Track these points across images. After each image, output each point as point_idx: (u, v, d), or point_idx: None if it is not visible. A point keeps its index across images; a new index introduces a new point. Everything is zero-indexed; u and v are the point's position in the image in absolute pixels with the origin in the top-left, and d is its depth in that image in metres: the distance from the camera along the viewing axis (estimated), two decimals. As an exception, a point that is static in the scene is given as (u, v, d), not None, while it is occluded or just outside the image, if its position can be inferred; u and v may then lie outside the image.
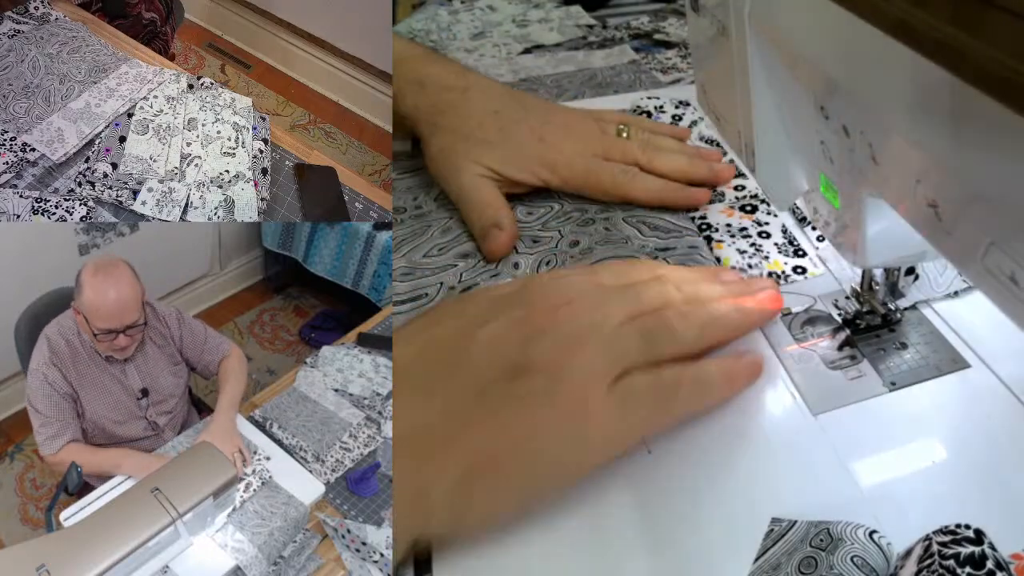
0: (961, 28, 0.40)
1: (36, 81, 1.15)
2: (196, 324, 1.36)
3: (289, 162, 1.27)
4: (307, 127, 2.35)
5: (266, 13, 2.37)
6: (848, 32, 0.57)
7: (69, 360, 1.18)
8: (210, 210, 1.11)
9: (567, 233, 1.06)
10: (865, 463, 0.79)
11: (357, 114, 2.40)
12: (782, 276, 0.98)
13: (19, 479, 1.87)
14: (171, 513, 0.90)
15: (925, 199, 0.55)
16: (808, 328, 0.94)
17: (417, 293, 0.95)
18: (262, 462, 1.16)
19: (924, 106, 0.50)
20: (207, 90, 1.26)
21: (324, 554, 1.09)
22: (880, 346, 0.90)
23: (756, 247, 1.02)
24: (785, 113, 0.84)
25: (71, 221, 1.04)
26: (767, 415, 0.87)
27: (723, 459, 0.82)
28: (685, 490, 0.80)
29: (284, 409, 1.31)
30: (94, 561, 0.82)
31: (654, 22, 1.57)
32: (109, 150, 1.11)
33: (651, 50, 1.47)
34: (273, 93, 2.39)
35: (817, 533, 0.68)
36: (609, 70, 1.40)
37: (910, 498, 0.76)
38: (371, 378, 1.39)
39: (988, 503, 0.74)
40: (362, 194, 1.30)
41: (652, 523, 0.76)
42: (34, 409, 1.17)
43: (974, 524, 0.66)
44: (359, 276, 2.18)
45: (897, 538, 0.72)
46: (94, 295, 1.13)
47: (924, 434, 0.82)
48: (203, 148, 1.17)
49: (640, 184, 1.05)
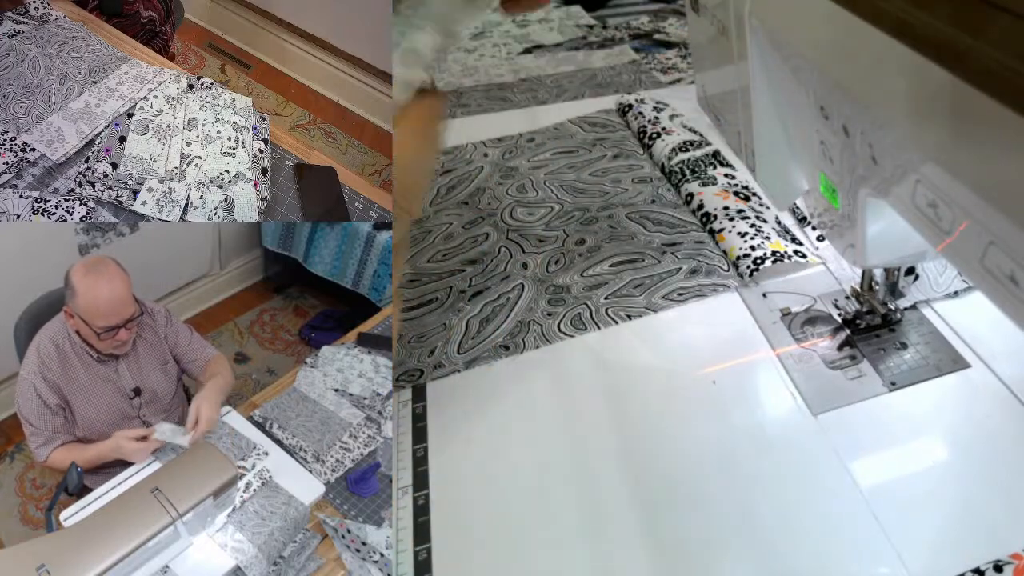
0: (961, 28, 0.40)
1: (36, 81, 1.15)
2: (183, 326, 1.37)
3: (289, 162, 1.27)
4: (307, 127, 2.35)
5: (266, 13, 2.37)
6: (848, 32, 0.57)
7: (59, 367, 1.19)
8: (210, 210, 1.11)
9: (572, 232, 1.06)
10: (865, 463, 0.79)
11: (357, 114, 2.40)
12: (784, 256, 0.98)
13: (19, 479, 1.87)
14: (171, 513, 0.90)
15: (925, 199, 0.55)
16: (808, 328, 0.94)
17: (428, 298, 0.95)
18: (262, 459, 1.16)
19: (924, 106, 0.50)
20: (207, 90, 1.26)
21: (324, 554, 1.09)
22: (880, 346, 0.90)
23: (756, 228, 1.02)
24: (785, 113, 0.84)
25: (71, 221, 1.04)
26: (767, 415, 0.87)
27: (723, 459, 0.83)
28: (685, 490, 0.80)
29: (284, 409, 1.32)
30: (94, 561, 0.82)
31: (654, 22, 1.57)
32: (109, 150, 1.11)
33: (651, 50, 1.47)
34: (273, 93, 2.39)
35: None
36: (609, 70, 1.40)
37: (910, 498, 0.76)
38: (371, 378, 1.39)
39: (988, 503, 0.74)
40: (362, 194, 1.30)
41: (652, 521, 0.77)
42: (24, 418, 1.19)
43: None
44: (359, 276, 2.18)
45: (898, 538, 0.72)
46: (90, 295, 1.14)
47: (924, 434, 0.82)
48: (203, 148, 1.17)
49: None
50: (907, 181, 0.57)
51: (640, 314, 1.05)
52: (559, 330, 1.05)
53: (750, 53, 0.80)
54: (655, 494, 0.79)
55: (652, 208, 1.08)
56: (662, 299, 1.07)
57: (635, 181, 1.35)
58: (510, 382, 0.99)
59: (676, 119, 1.34)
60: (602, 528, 0.77)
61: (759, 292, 1.03)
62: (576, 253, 1.02)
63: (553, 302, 1.09)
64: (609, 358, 1.00)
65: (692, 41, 1.03)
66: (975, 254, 0.51)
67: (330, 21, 2.29)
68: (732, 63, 0.86)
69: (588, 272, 1.12)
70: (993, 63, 0.38)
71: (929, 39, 0.43)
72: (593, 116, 1.59)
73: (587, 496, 0.80)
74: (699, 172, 1.24)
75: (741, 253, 1.04)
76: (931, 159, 0.53)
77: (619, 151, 1.46)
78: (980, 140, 0.46)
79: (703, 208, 1.12)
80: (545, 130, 1.56)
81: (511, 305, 1.09)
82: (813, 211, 0.90)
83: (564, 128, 1.56)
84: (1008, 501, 0.74)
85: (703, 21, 0.92)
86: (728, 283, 1.07)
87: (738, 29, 0.81)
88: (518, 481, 0.86)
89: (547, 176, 1.40)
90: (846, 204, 0.75)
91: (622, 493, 0.79)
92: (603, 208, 1.08)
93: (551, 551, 0.76)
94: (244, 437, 1.21)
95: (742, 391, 0.91)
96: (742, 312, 1.02)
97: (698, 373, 0.95)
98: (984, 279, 0.51)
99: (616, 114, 1.58)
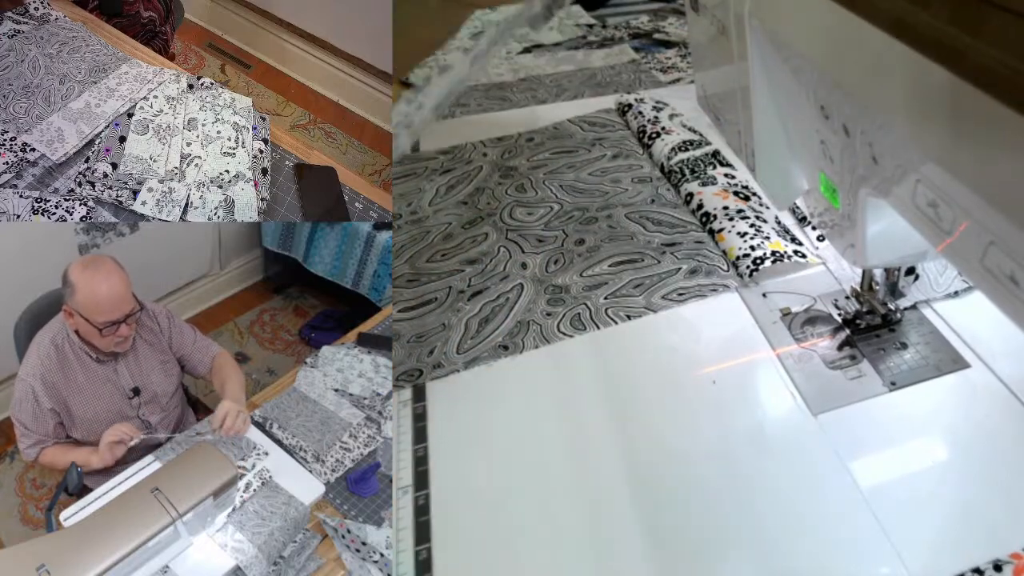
0: (961, 28, 0.40)
1: (36, 81, 1.15)
2: (186, 326, 1.37)
3: (289, 162, 1.27)
4: (307, 127, 2.35)
5: (266, 13, 2.37)
6: (848, 32, 0.57)
7: (58, 368, 1.19)
8: (210, 210, 1.11)
9: (571, 232, 1.06)
10: (865, 463, 0.79)
11: (357, 114, 2.40)
12: (784, 256, 0.98)
13: (19, 479, 1.87)
14: (171, 513, 0.90)
15: (925, 199, 0.55)
16: (808, 328, 0.94)
17: (427, 298, 0.95)
18: (262, 459, 1.16)
19: (924, 106, 0.50)
20: (207, 90, 1.26)
21: (324, 554, 1.09)
22: (880, 346, 0.90)
23: (756, 228, 1.02)
24: (785, 113, 0.84)
25: (71, 221, 1.04)
26: (767, 415, 0.87)
27: (723, 459, 0.83)
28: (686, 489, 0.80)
29: (284, 409, 1.31)
30: (94, 561, 0.82)
31: (654, 21, 1.57)
32: (109, 150, 1.11)
33: (651, 49, 1.47)
34: (273, 93, 2.39)
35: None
36: (609, 69, 1.40)
37: (910, 498, 0.76)
38: (371, 378, 1.39)
39: (988, 503, 0.74)
40: (362, 194, 1.30)
41: (652, 521, 0.77)
42: (16, 418, 1.20)
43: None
44: (359, 276, 2.18)
45: (898, 538, 0.72)
46: (88, 291, 1.13)
47: (924, 434, 0.82)
48: (203, 148, 1.17)
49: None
50: (907, 181, 0.57)
51: (640, 314, 1.05)
52: (558, 330, 1.05)
53: (750, 53, 0.80)
54: (655, 493, 0.79)
55: (652, 208, 1.08)
56: (662, 299, 1.07)
57: (635, 181, 1.35)
58: (510, 382, 0.99)
59: (676, 119, 1.34)
60: (602, 527, 0.77)
61: (759, 292, 1.03)
62: (575, 253, 1.02)
63: (552, 302, 1.09)
64: (609, 358, 1.00)
65: (692, 41, 1.03)
66: (975, 254, 0.51)
67: (330, 21, 2.29)
68: (732, 63, 0.86)
69: (587, 272, 1.12)
70: (993, 63, 0.38)
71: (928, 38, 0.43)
72: (592, 116, 1.59)
73: (587, 496, 0.80)
74: (699, 172, 1.24)
75: (741, 253, 1.04)
76: (931, 159, 0.53)
77: (619, 151, 1.46)
78: (980, 140, 0.46)
79: (703, 208, 1.12)
80: (544, 130, 1.56)
81: (510, 305, 1.09)
82: (813, 211, 0.90)
83: (563, 128, 1.56)
84: (1008, 501, 0.74)
85: (703, 21, 0.92)
86: (728, 283, 1.07)
87: (738, 29, 0.81)
88: (518, 481, 0.86)
89: (546, 176, 1.40)
90: (846, 204, 0.75)
91: (622, 492, 0.79)
92: (602, 208, 1.09)
93: (551, 550, 0.76)
94: (244, 437, 1.21)
95: (742, 391, 0.91)
96: (742, 312, 1.02)
97: (698, 373, 0.95)
98: (984, 279, 0.51)
99: (616, 114, 1.58)
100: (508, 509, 0.83)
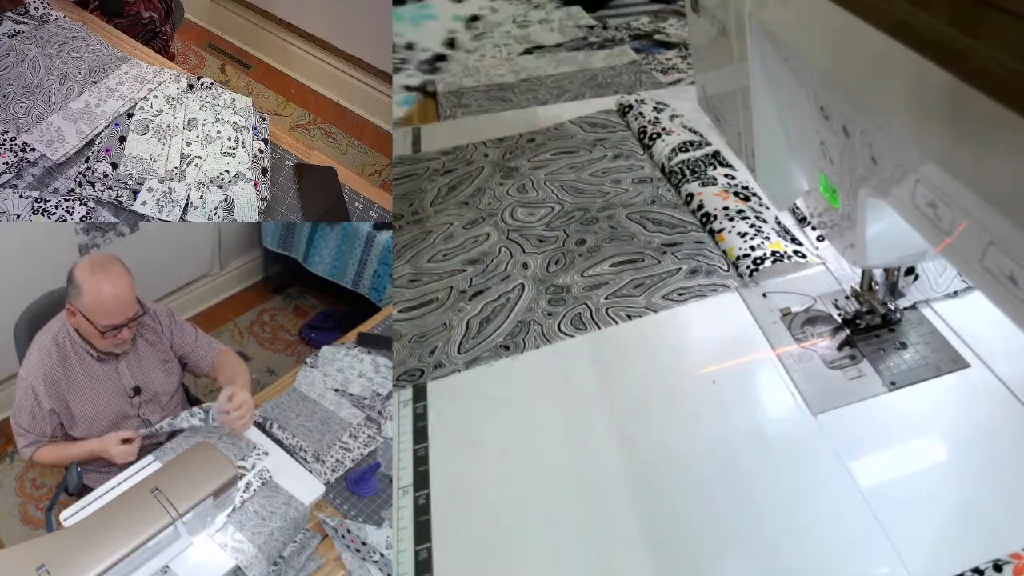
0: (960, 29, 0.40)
1: (36, 81, 1.15)
2: (188, 325, 1.37)
3: (289, 162, 1.27)
4: (307, 127, 2.35)
5: (266, 13, 2.37)
6: (848, 32, 0.57)
7: (59, 366, 1.19)
8: (210, 210, 1.11)
9: (572, 232, 1.06)
10: (865, 463, 0.79)
11: (357, 114, 2.40)
12: (784, 256, 0.98)
13: (19, 479, 1.87)
14: (171, 513, 0.90)
15: (925, 199, 0.55)
16: (808, 328, 0.94)
17: (428, 298, 0.95)
18: (262, 459, 1.16)
19: (923, 107, 0.51)
20: (207, 90, 1.26)
21: (324, 554, 1.09)
22: (880, 346, 0.90)
23: (756, 228, 1.02)
24: (785, 113, 0.84)
25: (71, 221, 1.04)
26: (767, 415, 0.87)
27: (723, 458, 0.83)
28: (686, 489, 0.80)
29: (284, 409, 1.31)
30: (94, 561, 0.82)
31: (654, 22, 1.57)
32: (109, 150, 1.11)
33: (651, 50, 1.47)
34: (273, 93, 2.39)
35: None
36: (609, 70, 1.40)
37: (910, 498, 0.76)
38: (371, 378, 1.39)
39: (988, 503, 0.74)
40: (362, 194, 1.30)
41: (652, 520, 0.77)
42: (14, 418, 1.20)
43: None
44: (359, 276, 2.18)
45: (898, 537, 0.72)
46: (95, 293, 1.14)
47: (924, 434, 0.82)
48: (203, 148, 1.17)
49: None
50: (907, 181, 0.57)
51: (640, 314, 1.05)
52: (559, 330, 1.05)
53: (750, 53, 0.80)
54: (655, 493, 0.80)
55: (652, 208, 1.08)
56: (662, 299, 1.07)
57: (635, 181, 1.35)
58: (511, 382, 0.99)
59: (676, 119, 1.34)
60: (602, 527, 0.77)
61: (759, 292, 1.03)
62: (576, 253, 1.02)
63: (553, 302, 1.09)
64: (609, 358, 1.00)
65: (692, 42, 1.03)
66: (975, 254, 0.51)
67: (330, 21, 2.29)
68: (732, 64, 0.86)
69: (588, 272, 1.12)
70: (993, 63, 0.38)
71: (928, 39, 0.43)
72: (593, 116, 1.59)
73: (587, 495, 0.80)
74: (699, 172, 1.24)
75: (741, 253, 1.04)
76: (931, 159, 0.53)
77: (619, 151, 1.46)
78: (979, 140, 0.46)
79: (703, 208, 1.12)
80: (546, 130, 1.56)
81: (511, 305, 1.09)
82: (813, 211, 0.90)
83: (564, 128, 1.56)
84: (1008, 501, 0.74)
85: (703, 21, 0.92)
86: (728, 283, 1.07)
87: (738, 29, 0.81)
88: (519, 480, 0.86)
89: (547, 176, 1.40)
90: (846, 204, 0.76)
91: (622, 492, 0.80)
92: (603, 208, 1.09)
93: (551, 550, 0.76)
94: (244, 437, 1.21)
95: (742, 391, 0.91)
96: (742, 312, 1.02)
97: (698, 373, 0.95)
98: (984, 279, 0.51)
99: (616, 114, 1.58)
100: (508, 509, 0.83)
